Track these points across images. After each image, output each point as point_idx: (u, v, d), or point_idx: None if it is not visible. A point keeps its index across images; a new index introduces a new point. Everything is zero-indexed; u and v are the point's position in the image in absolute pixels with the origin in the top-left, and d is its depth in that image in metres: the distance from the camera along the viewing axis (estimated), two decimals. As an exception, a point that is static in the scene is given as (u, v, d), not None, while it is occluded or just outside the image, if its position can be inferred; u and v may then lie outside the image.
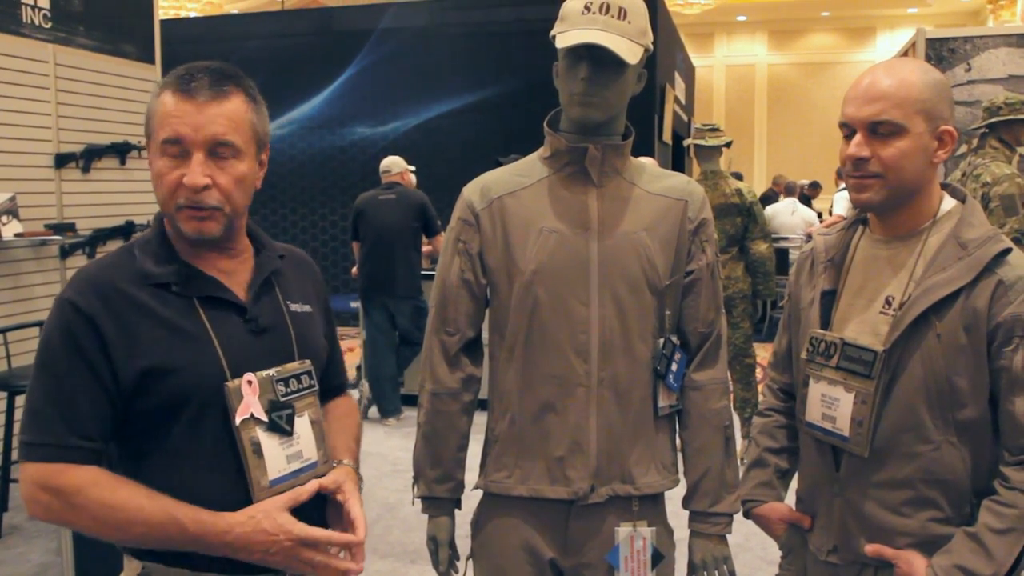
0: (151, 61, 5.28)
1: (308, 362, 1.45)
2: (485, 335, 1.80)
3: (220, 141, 1.31)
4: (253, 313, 1.39)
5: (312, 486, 1.37)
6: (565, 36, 1.59)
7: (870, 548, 1.52)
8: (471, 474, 1.79)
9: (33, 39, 4.45)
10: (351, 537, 1.36)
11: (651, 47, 1.65)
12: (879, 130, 1.46)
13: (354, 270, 6.01)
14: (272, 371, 1.38)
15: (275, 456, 1.35)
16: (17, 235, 4.17)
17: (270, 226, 10.04)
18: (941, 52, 4.93)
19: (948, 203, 1.55)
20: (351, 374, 6.79)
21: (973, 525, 1.44)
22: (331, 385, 1.64)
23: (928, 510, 1.49)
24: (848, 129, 1.51)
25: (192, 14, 13.60)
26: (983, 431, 1.47)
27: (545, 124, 1.74)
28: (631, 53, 1.58)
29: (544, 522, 1.72)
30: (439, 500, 1.80)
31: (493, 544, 1.76)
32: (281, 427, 1.36)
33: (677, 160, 10.65)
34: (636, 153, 1.79)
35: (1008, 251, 1.46)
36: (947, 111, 1.50)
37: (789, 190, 9.98)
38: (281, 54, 9.75)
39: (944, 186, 1.58)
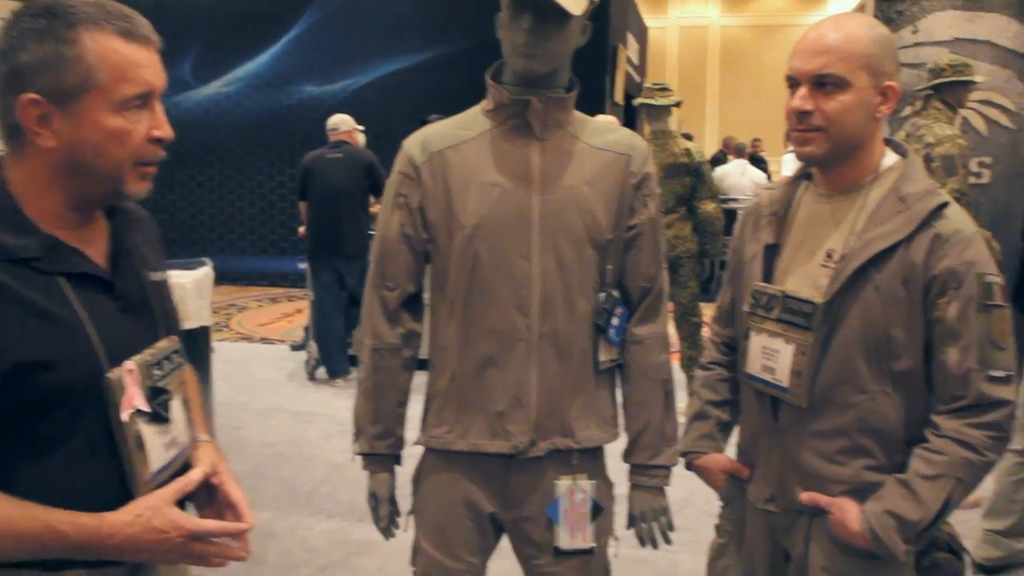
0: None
1: (175, 339, 1.33)
2: (427, 294, 1.78)
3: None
4: (120, 289, 1.24)
5: (197, 475, 1.27)
6: None
7: (805, 496, 1.54)
8: (413, 433, 1.78)
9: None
10: (243, 525, 1.26)
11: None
12: (824, 83, 1.46)
13: (301, 230, 5.93)
14: (147, 354, 1.25)
15: (155, 446, 1.23)
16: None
17: (216, 186, 9.84)
18: (889, 14, 4.96)
19: (890, 158, 1.56)
20: (299, 335, 6.73)
21: (905, 472, 1.47)
22: None
23: (862, 458, 1.52)
24: (794, 82, 1.51)
25: (133, -34, 13.17)
26: (917, 381, 1.49)
27: (488, 76, 1.70)
28: (575, 4, 1.55)
29: (484, 476, 1.72)
30: (379, 456, 1.79)
31: (433, 499, 1.76)
32: (161, 415, 1.25)
33: (629, 120, 10.63)
34: (587, 114, 1.76)
35: (945, 205, 1.48)
36: (891, 67, 1.50)
37: (739, 151, 10.05)
38: (227, 8, 9.48)
39: (887, 141, 1.59)
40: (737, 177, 9.09)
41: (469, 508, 1.73)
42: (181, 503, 1.24)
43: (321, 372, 5.83)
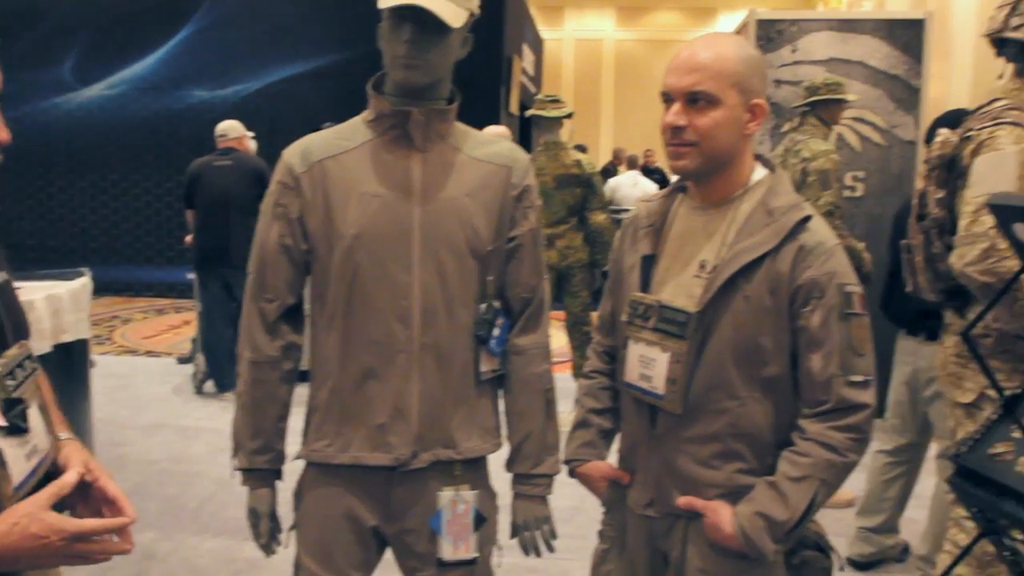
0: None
1: (26, 344, 1.27)
2: (307, 306, 1.75)
3: None
4: None
5: (73, 477, 1.22)
6: None
7: (682, 500, 1.59)
8: (295, 447, 1.74)
9: None
10: (124, 519, 1.23)
11: (477, 11, 1.64)
12: (696, 100, 1.51)
13: (188, 239, 5.75)
14: None
15: (16, 459, 1.17)
16: None
17: (99, 193, 9.44)
18: (770, 33, 5.15)
19: (759, 172, 1.62)
20: (186, 348, 6.52)
21: (774, 474, 1.53)
22: None
23: (735, 462, 1.57)
24: (668, 98, 1.55)
25: (8, -38, 12.55)
26: (785, 387, 1.55)
27: (369, 87, 1.70)
28: (455, 16, 1.56)
29: (366, 489, 1.70)
30: (259, 472, 1.75)
31: (315, 514, 1.73)
32: (20, 427, 1.19)
33: (524, 132, 10.73)
34: (481, 124, 1.77)
35: (809, 218, 1.54)
36: (759, 85, 1.56)
37: (631, 163, 10.26)
38: (112, 6, 9.12)
39: (757, 157, 1.65)
40: (629, 188, 9.26)
41: (351, 522, 1.70)
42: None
43: (209, 386, 5.66)
